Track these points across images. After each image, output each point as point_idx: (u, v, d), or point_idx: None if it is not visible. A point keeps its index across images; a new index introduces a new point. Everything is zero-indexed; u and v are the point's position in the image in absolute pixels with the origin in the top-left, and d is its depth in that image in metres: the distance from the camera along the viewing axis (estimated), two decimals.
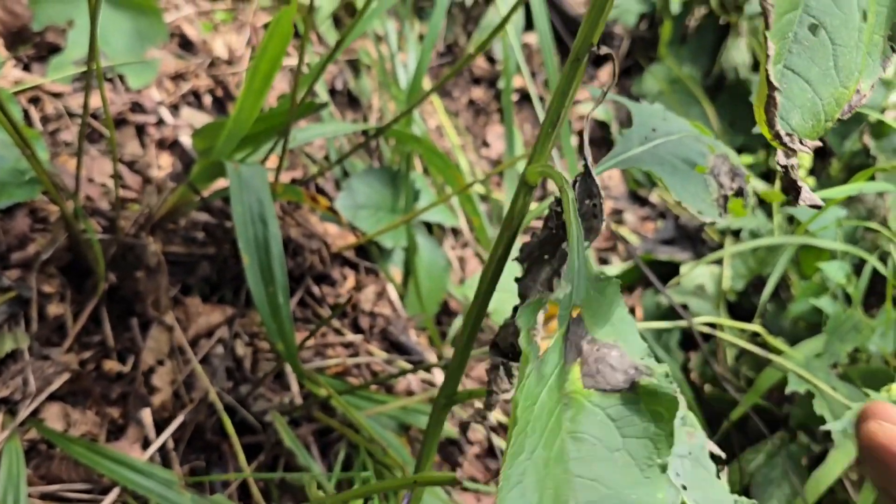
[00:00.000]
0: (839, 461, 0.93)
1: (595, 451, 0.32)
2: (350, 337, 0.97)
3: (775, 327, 1.13)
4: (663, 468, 0.32)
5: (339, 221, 1.01)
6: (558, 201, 0.39)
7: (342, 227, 1.03)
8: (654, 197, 1.56)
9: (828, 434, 1.06)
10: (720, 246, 1.32)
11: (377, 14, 1.15)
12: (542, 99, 1.50)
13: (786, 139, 0.33)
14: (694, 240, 1.32)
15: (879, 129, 1.26)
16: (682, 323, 0.92)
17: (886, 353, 0.97)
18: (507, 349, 0.44)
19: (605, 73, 1.73)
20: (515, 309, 0.40)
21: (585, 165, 0.38)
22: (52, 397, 0.76)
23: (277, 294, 0.72)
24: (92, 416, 0.77)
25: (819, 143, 0.35)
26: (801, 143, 0.34)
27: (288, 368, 0.88)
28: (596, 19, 0.38)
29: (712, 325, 1.06)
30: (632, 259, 1.28)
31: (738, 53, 1.64)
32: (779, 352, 0.96)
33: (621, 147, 0.49)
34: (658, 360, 0.35)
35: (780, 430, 1.05)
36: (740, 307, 1.23)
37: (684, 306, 1.16)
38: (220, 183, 0.90)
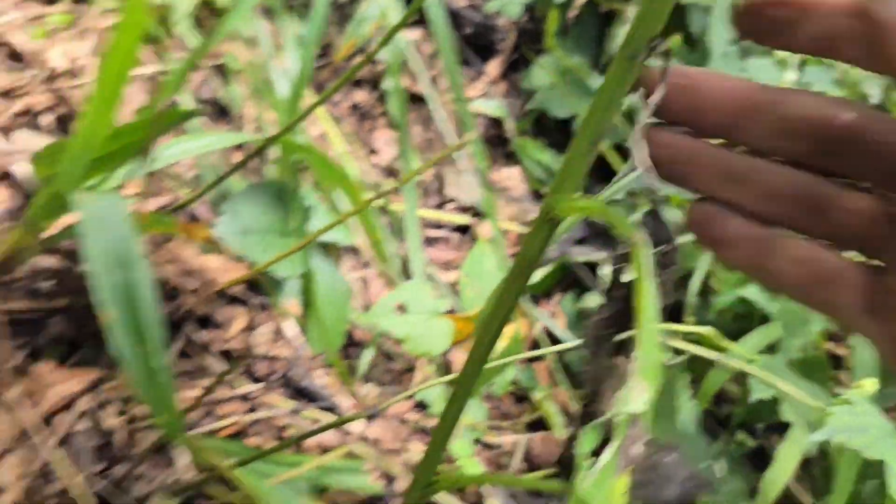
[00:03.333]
0: (790, 459, 0.88)
1: None
2: (245, 388, 0.82)
3: (702, 323, 1.07)
4: None
5: (220, 252, 0.86)
6: (618, 260, 0.28)
7: (225, 258, 0.88)
8: None
9: (767, 430, 1.01)
10: None
11: (243, 12, 1.00)
12: (427, 98, 1.39)
13: None
14: (607, 237, 1.24)
15: None
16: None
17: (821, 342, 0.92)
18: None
19: (493, 66, 1.64)
20: (584, 415, 0.29)
21: (654, 201, 0.27)
22: None
23: (154, 356, 0.57)
24: None
25: None
26: None
27: None
28: (660, 7, 0.28)
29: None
30: (548, 263, 1.18)
31: None
32: (721, 349, 0.88)
33: None
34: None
35: (723, 432, 0.99)
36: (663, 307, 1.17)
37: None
38: (70, 218, 0.74)
